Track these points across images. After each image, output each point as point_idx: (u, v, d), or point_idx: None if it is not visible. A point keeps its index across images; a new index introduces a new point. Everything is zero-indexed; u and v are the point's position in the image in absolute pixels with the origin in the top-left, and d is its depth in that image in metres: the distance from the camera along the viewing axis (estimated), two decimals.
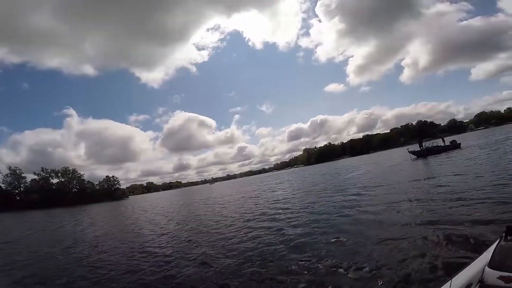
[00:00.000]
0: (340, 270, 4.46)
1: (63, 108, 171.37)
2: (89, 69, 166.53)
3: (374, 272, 4.16)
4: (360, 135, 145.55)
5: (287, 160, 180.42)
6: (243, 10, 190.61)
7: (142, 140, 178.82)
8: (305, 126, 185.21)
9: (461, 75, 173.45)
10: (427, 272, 3.84)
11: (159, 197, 56.73)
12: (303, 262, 5.02)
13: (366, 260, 4.66)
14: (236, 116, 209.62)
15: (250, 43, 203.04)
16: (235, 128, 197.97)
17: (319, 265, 4.79)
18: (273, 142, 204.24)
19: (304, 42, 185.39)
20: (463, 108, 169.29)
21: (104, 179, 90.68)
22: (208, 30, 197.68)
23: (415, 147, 30.53)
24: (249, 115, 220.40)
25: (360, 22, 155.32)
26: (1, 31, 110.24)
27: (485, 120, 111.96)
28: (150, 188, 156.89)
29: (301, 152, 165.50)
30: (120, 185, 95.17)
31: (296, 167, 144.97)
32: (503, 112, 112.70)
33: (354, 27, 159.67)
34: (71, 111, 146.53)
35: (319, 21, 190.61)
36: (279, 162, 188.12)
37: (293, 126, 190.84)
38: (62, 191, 72.14)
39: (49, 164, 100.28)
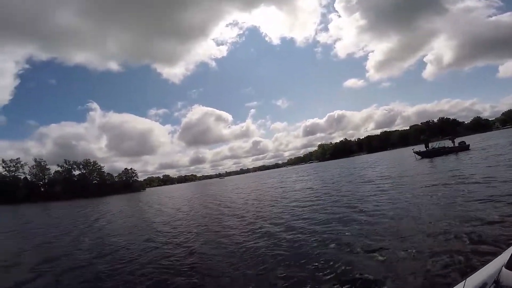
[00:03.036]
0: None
1: (86, 102, 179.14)
2: (113, 65, 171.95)
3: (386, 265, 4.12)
4: (378, 132, 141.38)
5: (301, 156, 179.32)
6: (262, 6, 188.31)
7: (161, 134, 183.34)
8: (321, 121, 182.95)
9: (488, 72, 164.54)
10: (442, 270, 3.71)
11: (171, 190, 57.81)
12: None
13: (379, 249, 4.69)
14: (252, 111, 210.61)
15: (267, 39, 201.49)
16: (250, 122, 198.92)
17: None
18: (287, 137, 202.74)
19: (323, 38, 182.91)
20: (489, 106, 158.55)
21: (122, 171, 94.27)
22: (227, 25, 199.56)
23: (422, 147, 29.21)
24: (264, 109, 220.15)
25: (382, 18, 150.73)
26: (31, 29, 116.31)
27: None
28: (167, 180, 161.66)
29: (316, 148, 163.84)
30: (137, 177, 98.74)
31: (310, 162, 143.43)
32: None
33: (375, 23, 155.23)
34: (94, 105, 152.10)
35: (339, 16, 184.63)
36: (293, 157, 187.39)
37: (309, 121, 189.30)
38: (83, 183, 75.69)
39: (73, 156, 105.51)
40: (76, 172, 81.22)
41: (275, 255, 5.45)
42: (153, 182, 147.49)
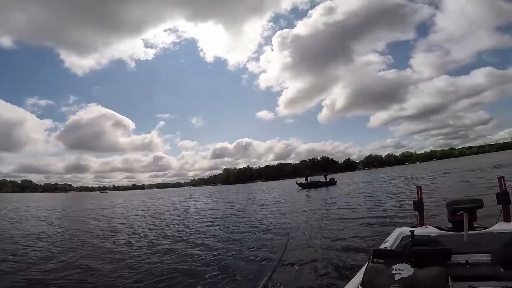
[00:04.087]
0: None
1: None
2: (5, 41, 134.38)
3: None
4: (275, 163, 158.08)
5: (206, 177, 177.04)
6: (210, 22, 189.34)
7: (34, 129, 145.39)
8: (230, 146, 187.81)
9: (362, 121, 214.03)
10: None
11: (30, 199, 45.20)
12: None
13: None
14: (161, 123, 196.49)
15: (202, 54, 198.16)
16: (156, 135, 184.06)
17: None
18: (195, 157, 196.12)
19: (252, 66, 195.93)
20: (358, 150, 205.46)
21: None
22: (165, 30, 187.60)
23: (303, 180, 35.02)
24: (176, 124, 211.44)
25: (304, 59, 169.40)
26: None
27: (371, 162, 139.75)
28: (26, 187, 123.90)
29: (221, 171, 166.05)
30: None
31: (214, 185, 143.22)
32: (383, 157, 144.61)
33: (297, 62, 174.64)
34: None
35: (272, 50, 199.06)
36: (197, 177, 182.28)
37: (219, 145, 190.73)
38: None
39: None
40: None
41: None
42: (4, 186, 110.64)
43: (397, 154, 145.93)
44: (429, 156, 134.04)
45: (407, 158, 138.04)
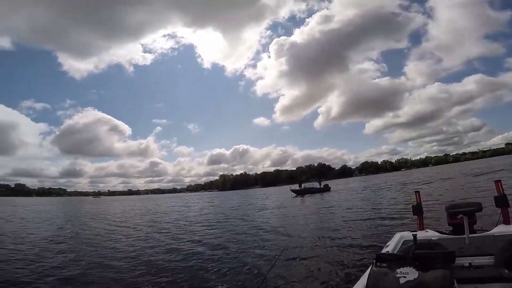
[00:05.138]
0: None
1: None
2: (4, 42, 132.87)
3: None
4: (272, 169, 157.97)
5: (202, 183, 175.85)
6: (209, 28, 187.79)
7: (28, 132, 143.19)
8: (227, 152, 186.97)
9: (357, 127, 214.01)
10: None
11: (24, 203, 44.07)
12: None
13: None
14: (158, 128, 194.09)
15: (199, 60, 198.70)
16: (153, 140, 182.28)
17: None
18: (191, 163, 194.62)
19: (249, 73, 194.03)
20: (353, 157, 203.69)
21: None
22: (164, 35, 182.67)
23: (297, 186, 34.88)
24: (172, 130, 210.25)
25: (300, 66, 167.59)
26: None
27: (367, 168, 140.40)
28: (19, 191, 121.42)
29: (217, 177, 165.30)
30: None
31: (210, 191, 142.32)
32: (379, 163, 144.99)
33: (293, 70, 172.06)
34: None
35: (269, 57, 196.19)
36: (193, 184, 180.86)
37: (216, 151, 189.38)
38: None
39: None
40: None
41: None
42: None
43: (393, 161, 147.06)
44: (424, 162, 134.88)
45: (403, 164, 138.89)
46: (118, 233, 10.82)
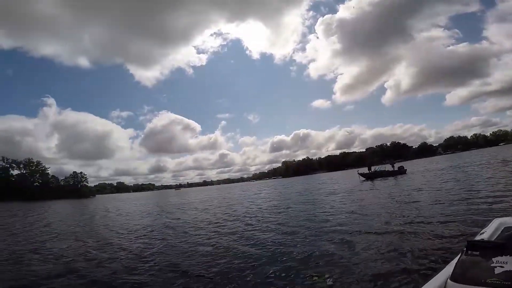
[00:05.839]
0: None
1: (42, 96, 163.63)
2: (83, 61, 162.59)
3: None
4: (338, 152, 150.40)
5: (266, 171, 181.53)
6: (250, 20, 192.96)
7: (121, 138, 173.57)
8: (288, 138, 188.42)
9: (436, 99, 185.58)
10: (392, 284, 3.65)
11: (128, 198, 53.96)
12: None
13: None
14: (223, 123, 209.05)
15: (248, 52, 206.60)
16: (219, 134, 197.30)
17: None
18: (255, 151, 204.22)
19: (299, 57, 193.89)
20: (434, 132, 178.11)
21: (70, 175, 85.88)
22: (211, 35, 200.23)
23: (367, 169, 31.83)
24: (235, 122, 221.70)
25: (355, 43, 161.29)
26: (2, 12, 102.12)
27: (453, 145, 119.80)
28: (120, 188, 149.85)
29: (280, 164, 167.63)
30: (87, 183, 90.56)
31: (274, 178, 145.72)
32: (469, 138, 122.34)
33: (348, 47, 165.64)
34: (51, 100, 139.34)
35: (317, 38, 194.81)
36: (258, 172, 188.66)
37: (277, 138, 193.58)
38: (22, 185, 66.85)
39: (14, 154, 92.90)
40: (15, 172, 71.81)
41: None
42: (105, 189, 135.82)
43: (487, 134, 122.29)
44: None
45: (501, 138, 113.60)
46: (211, 222, 11.93)
